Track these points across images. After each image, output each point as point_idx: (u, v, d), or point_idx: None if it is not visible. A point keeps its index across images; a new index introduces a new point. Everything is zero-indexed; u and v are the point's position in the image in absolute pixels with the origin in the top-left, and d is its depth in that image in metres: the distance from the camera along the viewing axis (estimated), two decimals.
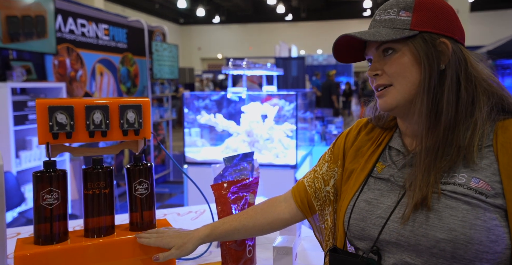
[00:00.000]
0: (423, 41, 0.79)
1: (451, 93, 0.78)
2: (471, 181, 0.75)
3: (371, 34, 0.80)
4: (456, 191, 0.75)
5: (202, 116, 2.81)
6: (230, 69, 2.48)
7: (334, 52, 0.89)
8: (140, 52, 5.17)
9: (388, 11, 0.83)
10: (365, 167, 0.89)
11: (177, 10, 19.43)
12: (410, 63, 0.80)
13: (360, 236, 0.84)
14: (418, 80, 0.79)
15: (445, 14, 0.81)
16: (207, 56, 22.83)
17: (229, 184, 1.09)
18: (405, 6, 0.81)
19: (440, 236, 0.73)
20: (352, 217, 0.86)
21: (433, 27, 0.80)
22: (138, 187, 1.06)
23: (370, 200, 0.85)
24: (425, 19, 0.80)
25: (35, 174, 0.97)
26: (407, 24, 0.80)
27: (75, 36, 4.19)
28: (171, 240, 1.00)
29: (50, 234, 0.97)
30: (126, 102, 1.03)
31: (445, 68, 0.79)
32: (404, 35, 0.79)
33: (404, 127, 0.87)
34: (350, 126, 1.01)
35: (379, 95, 0.84)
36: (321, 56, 14.72)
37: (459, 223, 0.72)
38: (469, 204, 0.73)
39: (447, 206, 0.74)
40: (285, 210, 1.00)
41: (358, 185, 0.88)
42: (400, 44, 0.80)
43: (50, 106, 0.96)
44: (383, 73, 0.83)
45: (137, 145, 1.12)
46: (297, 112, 2.81)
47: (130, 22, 5.04)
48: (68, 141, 0.99)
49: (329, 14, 20.31)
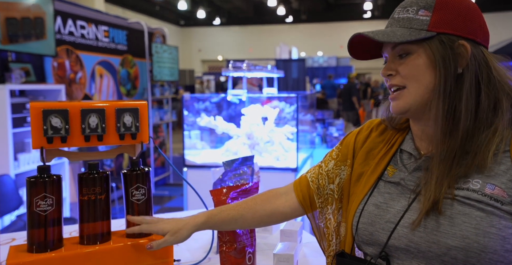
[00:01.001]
0: (440, 43, 0.75)
1: (470, 98, 0.74)
2: (486, 187, 0.72)
3: (386, 34, 0.77)
4: (470, 197, 0.72)
5: (202, 118, 2.78)
6: (230, 71, 2.45)
7: (349, 49, 0.85)
8: (140, 54, 5.15)
9: (407, 9, 0.79)
10: (375, 170, 0.87)
11: (177, 12, 19.44)
12: (424, 65, 0.76)
13: (368, 241, 0.82)
14: (432, 84, 0.76)
15: (468, 14, 0.77)
16: (207, 58, 22.82)
17: (229, 189, 1.06)
18: (425, 5, 0.77)
19: (452, 243, 0.70)
20: (360, 221, 0.83)
21: (453, 29, 0.76)
22: (135, 193, 1.03)
23: (380, 204, 0.82)
24: (445, 19, 0.76)
25: (29, 179, 0.94)
26: (425, 25, 0.76)
27: (74, 38, 4.17)
28: (165, 226, 0.96)
29: (44, 241, 0.94)
30: (122, 105, 1.01)
31: (462, 72, 0.75)
32: (420, 36, 0.75)
33: (417, 130, 0.84)
34: (361, 126, 0.98)
35: (393, 98, 0.81)
36: (321, 58, 14.71)
37: (472, 230, 0.69)
38: (483, 211, 0.70)
39: (460, 213, 0.71)
40: (286, 204, 0.97)
41: (367, 188, 0.86)
42: (416, 45, 0.77)
43: (44, 109, 0.93)
44: (397, 74, 0.80)
45: (134, 149, 1.10)
46: (298, 114, 2.79)
47: (130, 24, 5.02)
48: (63, 145, 0.97)
49: (329, 16, 20.29)
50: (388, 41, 0.75)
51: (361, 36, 0.80)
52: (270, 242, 1.28)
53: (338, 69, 13.69)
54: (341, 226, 0.92)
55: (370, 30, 0.80)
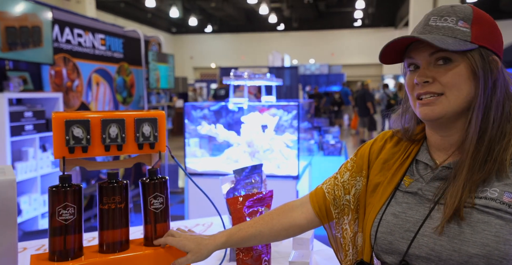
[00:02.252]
0: (480, 55, 0.78)
1: (498, 109, 0.78)
2: (503, 196, 0.74)
3: (439, 40, 0.77)
4: (489, 205, 0.74)
5: (202, 127, 2.80)
6: (231, 80, 2.48)
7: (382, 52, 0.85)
8: (136, 62, 5.16)
9: (446, 18, 0.80)
10: (392, 180, 0.89)
11: (169, 19, 19.48)
12: (466, 75, 0.78)
13: (388, 250, 0.83)
14: (471, 94, 0.78)
15: (497, 33, 0.82)
16: (199, 66, 22.85)
17: (245, 198, 1.08)
18: (464, 17, 0.79)
19: (473, 251, 0.72)
20: (379, 230, 0.85)
21: (489, 43, 0.79)
22: (154, 201, 1.05)
23: (398, 214, 0.84)
24: (484, 34, 0.79)
25: (51, 188, 0.95)
26: (467, 36, 0.78)
27: (71, 46, 4.17)
28: (187, 242, 0.99)
29: (65, 250, 0.96)
30: (142, 115, 1.03)
31: (494, 85, 0.79)
32: (467, 47, 0.77)
33: (436, 139, 0.86)
34: (375, 137, 1.00)
35: (426, 103, 0.80)
36: (313, 65, 14.83)
37: (492, 238, 0.72)
38: (503, 219, 0.72)
39: (480, 221, 0.74)
40: (302, 216, 0.99)
41: (385, 198, 0.88)
42: (458, 55, 0.78)
43: (67, 120, 0.95)
44: (435, 80, 0.79)
45: (150, 158, 1.12)
46: (299, 122, 2.82)
47: (126, 32, 5.04)
48: (83, 155, 0.98)
49: (321, 24, 20.50)
50: (446, 48, 0.75)
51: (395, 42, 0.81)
52: (281, 250, 1.30)
53: (330, 76, 13.82)
54: (357, 236, 0.94)
55: (421, 35, 0.79)
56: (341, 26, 20.26)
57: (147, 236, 1.06)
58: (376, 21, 20.01)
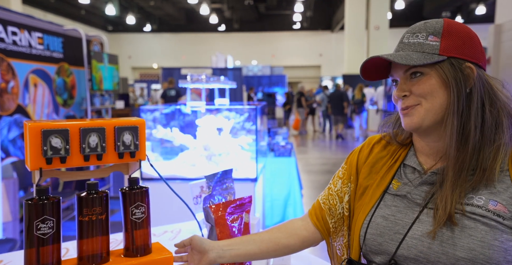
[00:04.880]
0: (451, 65, 0.82)
1: (477, 115, 0.81)
2: (489, 203, 0.79)
3: (403, 57, 0.82)
4: (475, 212, 0.79)
5: (158, 130, 2.75)
6: (188, 83, 2.46)
7: (362, 70, 0.90)
8: (77, 62, 4.92)
9: (417, 35, 0.86)
10: (380, 183, 0.93)
11: (105, 17, 18.71)
12: (437, 85, 0.82)
13: (377, 251, 0.87)
14: (446, 102, 0.82)
15: (471, 41, 0.84)
16: (138, 65, 22.19)
17: (225, 205, 1.09)
18: (434, 31, 0.84)
19: (460, 254, 0.77)
20: (368, 231, 0.88)
21: (460, 53, 0.83)
22: (135, 211, 1.03)
23: (387, 216, 0.88)
24: (453, 45, 0.83)
25: (27, 202, 0.91)
26: (436, 49, 0.83)
27: (5, 44, 3.89)
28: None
29: (43, 264, 0.91)
30: (122, 123, 1.01)
31: (471, 92, 0.82)
32: (434, 60, 0.81)
33: (423, 146, 0.90)
34: (362, 144, 1.04)
35: (405, 114, 0.86)
36: (256, 66, 14.99)
37: (478, 243, 0.76)
38: (488, 226, 0.77)
39: (467, 226, 0.78)
40: (302, 227, 1.01)
41: (374, 200, 0.91)
42: (428, 68, 0.83)
43: (44, 130, 0.91)
44: (411, 94, 0.85)
45: (128, 167, 1.09)
46: (256, 125, 2.86)
47: (66, 30, 4.79)
48: (61, 166, 0.94)
49: (261, 26, 20.78)
50: (407, 64, 0.81)
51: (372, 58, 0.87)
52: None
53: (272, 78, 14.05)
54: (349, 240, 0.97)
55: (387, 54, 0.85)
56: (281, 28, 20.68)
57: (127, 247, 1.04)
58: (314, 25, 20.67)
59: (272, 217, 3.84)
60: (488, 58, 6.23)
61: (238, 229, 1.09)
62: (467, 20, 18.20)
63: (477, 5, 15.50)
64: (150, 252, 1.06)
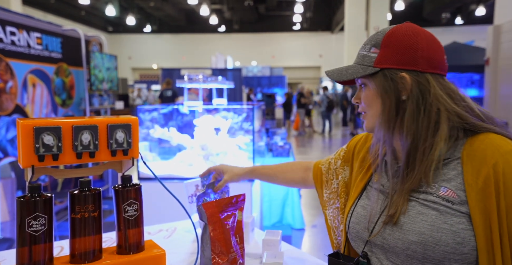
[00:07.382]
0: (384, 76, 0.86)
1: (411, 121, 0.85)
2: (440, 190, 0.84)
3: (337, 73, 0.93)
4: (427, 198, 0.85)
5: (155, 130, 2.75)
6: (185, 83, 2.46)
7: (329, 76, 0.98)
8: (76, 63, 4.93)
9: (364, 46, 0.91)
10: (364, 176, 1.01)
11: (105, 18, 18.76)
12: (374, 96, 0.90)
13: (356, 238, 0.96)
14: (379, 110, 0.89)
15: (409, 47, 0.85)
16: (138, 66, 22.22)
17: (219, 202, 1.10)
18: (375, 43, 0.88)
19: (412, 238, 0.83)
20: (351, 220, 0.97)
21: (394, 63, 0.86)
22: (128, 209, 1.03)
23: (366, 206, 0.96)
24: (387, 56, 0.86)
25: (19, 199, 0.91)
26: (372, 61, 0.88)
27: (4, 44, 3.90)
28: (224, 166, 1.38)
29: (35, 261, 0.91)
30: (115, 121, 1.01)
31: (406, 100, 0.86)
32: (366, 73, 0.88)
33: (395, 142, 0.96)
34: (365, 134, 1.12)
35: (362, 118, 0.96)
36: (255, 67, 15.00)
37: (428, 227, 0.82)
38: (438, 210, 0.83)
39: (419, 212, 0.85)
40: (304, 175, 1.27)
41: (358, 192, 1.00)
42: (367, 79, 0.90)
43: (36, 127, 0.91)
44: (361, 102, 0.94)
45: (121, 165, 1.10)
46: (253, 125, 2.86)
47: (65, 31, 4.79)
48: (54, 163, 0.95)
49: (261, 27, 20.80)
50: (337, 80, 0.92)
51: None
52: (249, 251, 1.33)
53: (272, 78, 14.06)
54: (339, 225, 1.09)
55: (333, 69, 0.95)
56: (281, 29, 20.71)
57: (120, 244, 1.04)
58: (313, 25, 20.69)
59: (270, 218, 3.84)
60: (487, 59, 6.24)
61: (231, 226, 1.10)
62: (467, 21, 18.23)
63: (477, 6, 15.51)
64: (143, 249, 1.06)
